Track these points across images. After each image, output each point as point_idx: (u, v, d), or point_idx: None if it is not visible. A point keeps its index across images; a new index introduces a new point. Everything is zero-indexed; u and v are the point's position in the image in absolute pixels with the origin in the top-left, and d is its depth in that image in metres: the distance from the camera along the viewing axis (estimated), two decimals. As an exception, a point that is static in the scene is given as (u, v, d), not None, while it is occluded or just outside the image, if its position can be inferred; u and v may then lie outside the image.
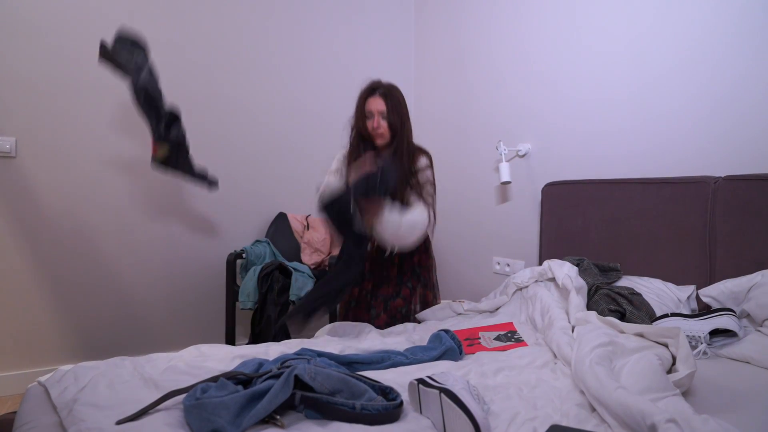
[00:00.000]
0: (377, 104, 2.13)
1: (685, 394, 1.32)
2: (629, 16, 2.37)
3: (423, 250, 2.32)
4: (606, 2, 2.47)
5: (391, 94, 2.15)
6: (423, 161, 2.20)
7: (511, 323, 1.96)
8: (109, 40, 2.10)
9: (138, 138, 2.78)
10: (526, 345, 1.78)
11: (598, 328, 1.54)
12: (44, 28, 2.54)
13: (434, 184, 2.19)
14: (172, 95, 2.86)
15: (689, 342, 1.58)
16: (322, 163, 3.34)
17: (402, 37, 3.64)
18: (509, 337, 1.85)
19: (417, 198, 2.11)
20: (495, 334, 1.89)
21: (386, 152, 2.16)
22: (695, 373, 1.32)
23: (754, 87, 1.98)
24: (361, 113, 2.16)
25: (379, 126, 2.13)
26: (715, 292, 1.83)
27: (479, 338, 1.85)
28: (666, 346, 1.45)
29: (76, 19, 2.61)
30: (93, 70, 2.65)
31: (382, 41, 3.54)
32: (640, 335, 1.51)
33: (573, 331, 1.72)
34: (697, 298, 1.98)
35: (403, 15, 3.64)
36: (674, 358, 1.43)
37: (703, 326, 1.70)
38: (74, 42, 2.60)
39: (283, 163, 3.24)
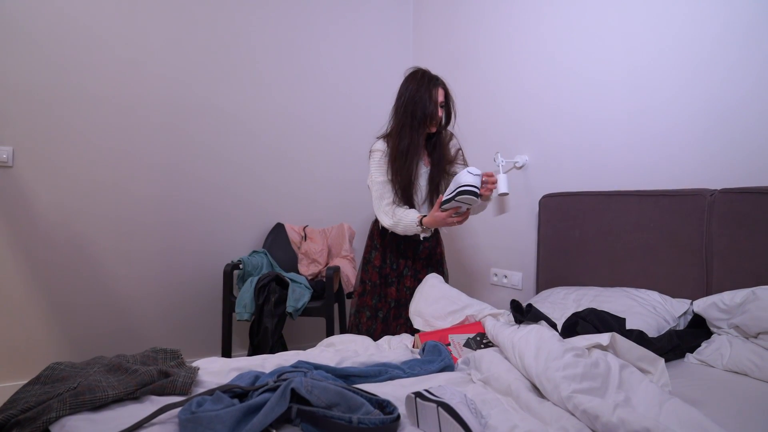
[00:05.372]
0: (441, 95, 2.21)
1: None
2: (627, 32, 2.39)
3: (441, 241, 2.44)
4: (604, 17, 2.49)
5: (447, 86, 2.25)
6: (454, 141, 2.34)
7: (479, 323, 1.84)
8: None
9: (135, 148, 2.78)
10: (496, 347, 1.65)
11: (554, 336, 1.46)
12: (42, 38, 2.55)
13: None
14: (168, 106, 2.88)
15: None
16: (320, 172, 3.36)
17: (399, 51, 3.66)
18: (478, 341, 1.74)
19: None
20: (464, 338, 1.76)
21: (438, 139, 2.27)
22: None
23: (751, 102, 1.99)
24: (434, 101, 2.18)
25: (441, 116, 2.22)
26: (704, 305, 1.84)
27: (449, 343, 1.76)
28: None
29: (74, 29, 2.62)
30: (90, 80, 2.66)
31: (379, 54, 3.56)
32: (601, 347, 1.46)
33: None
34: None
35: (401, 29, 3.67)
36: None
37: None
38: (72, 52, 2.61)
39: (280, 174, 3.24)
